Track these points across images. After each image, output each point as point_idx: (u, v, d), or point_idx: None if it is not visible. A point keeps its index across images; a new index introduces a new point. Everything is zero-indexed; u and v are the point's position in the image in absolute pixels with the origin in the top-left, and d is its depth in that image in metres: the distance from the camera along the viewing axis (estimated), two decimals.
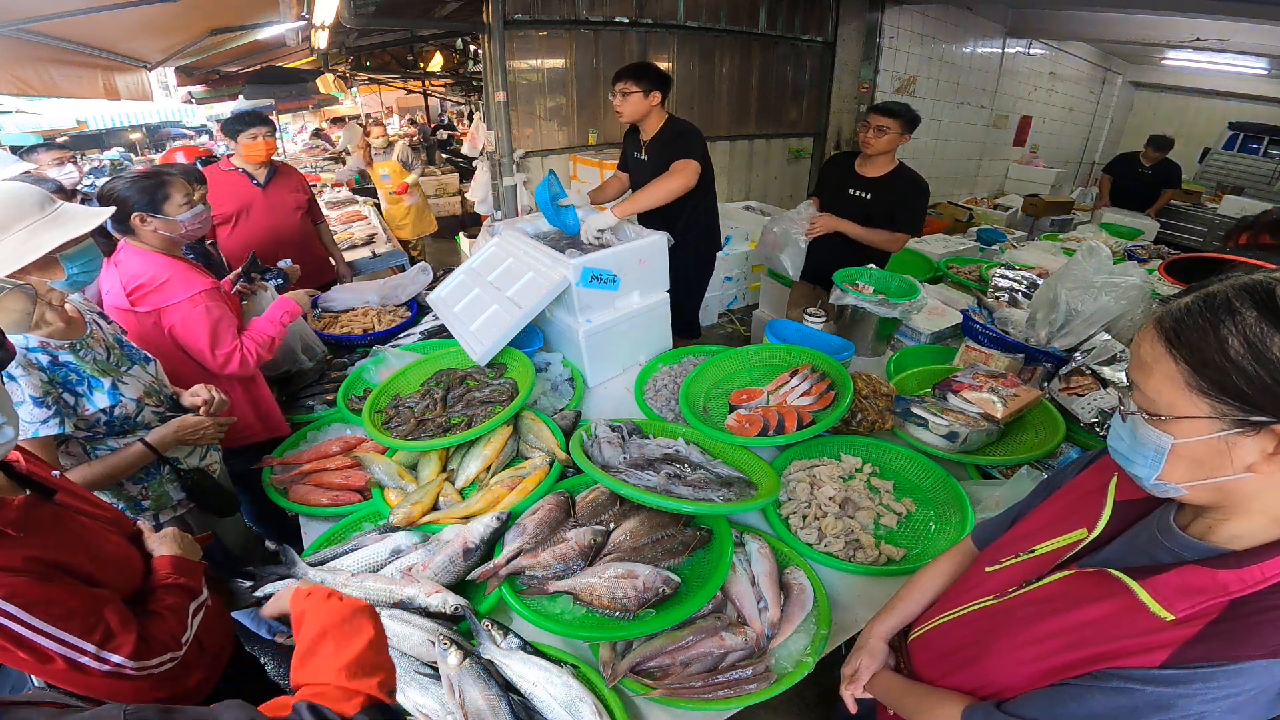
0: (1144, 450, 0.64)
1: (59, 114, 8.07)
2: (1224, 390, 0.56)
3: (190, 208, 1.68)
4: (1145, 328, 0.63)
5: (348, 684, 0.71)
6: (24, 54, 3.21)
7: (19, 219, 1.20)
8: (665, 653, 1.11)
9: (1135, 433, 0.64)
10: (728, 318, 4.77)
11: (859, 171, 2.61)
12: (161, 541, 1.15)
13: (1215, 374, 0.56)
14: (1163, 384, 0.60)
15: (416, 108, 11.50)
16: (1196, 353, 0.57)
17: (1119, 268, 1.93)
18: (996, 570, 0.86)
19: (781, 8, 4.90)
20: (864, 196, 2.58)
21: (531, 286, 1.87)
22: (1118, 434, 0.68)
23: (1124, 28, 5.83)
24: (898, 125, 2.44)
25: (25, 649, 0.85)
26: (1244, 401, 0.55)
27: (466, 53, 6.19)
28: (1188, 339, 0.58)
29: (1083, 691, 0.66)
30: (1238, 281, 0.58)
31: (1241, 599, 0.59)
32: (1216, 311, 0.57)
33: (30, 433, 1.22)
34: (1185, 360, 0.58)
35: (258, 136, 2.72)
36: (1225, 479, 0.59)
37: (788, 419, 1.57)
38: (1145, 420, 0.62)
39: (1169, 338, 0.59)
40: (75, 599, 0.89)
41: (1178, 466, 0.61)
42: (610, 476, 1.32)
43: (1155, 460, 0.62)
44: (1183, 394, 0.58)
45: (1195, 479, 0.61)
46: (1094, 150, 9.73)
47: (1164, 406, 0.60)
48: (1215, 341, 0.56)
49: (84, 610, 0.89)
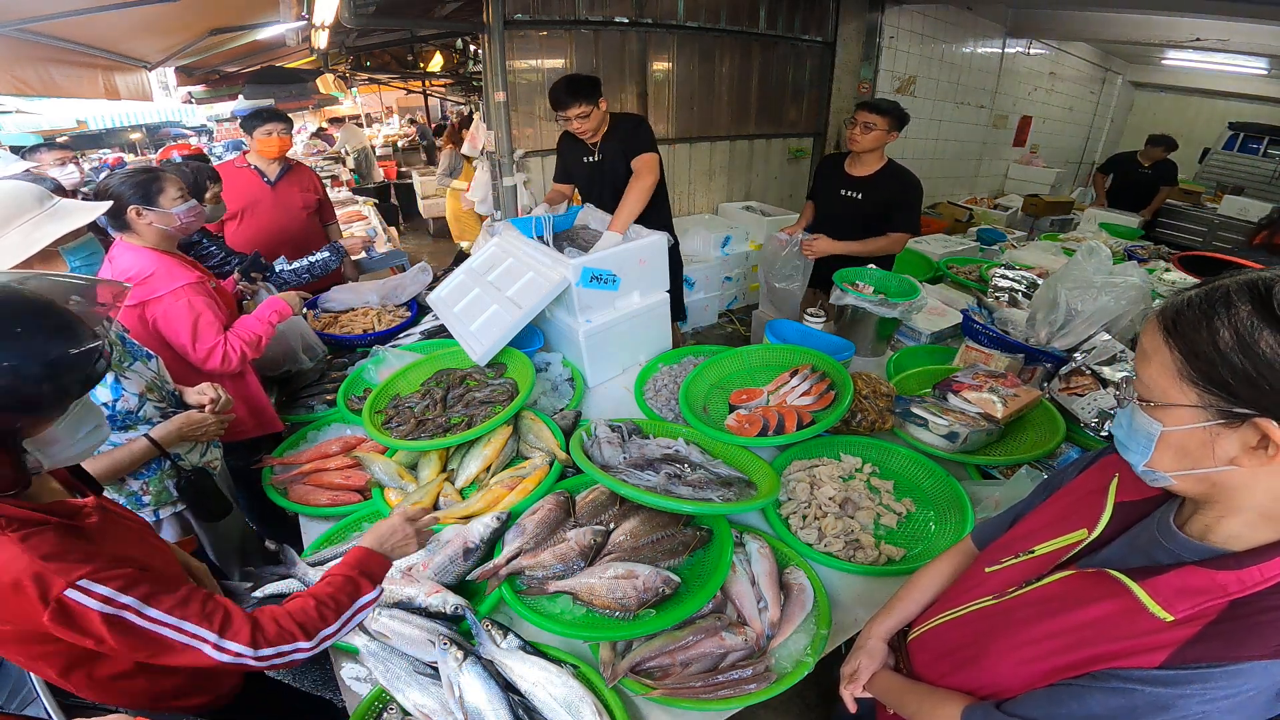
0: (1137, 436, 0.65)
1: (59, 114, 8.08)
2: (1211, 381, 0.57)
3: (184, 201, 1.69)
4: (1150, 317, 0.65)
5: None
6: (24, 54, 3.21)
7: (19, 214, 1.22)
8: (665, 653, 1.11)
9: (1132, 419, 0.66)
10: (728, 318, 4.78)
11: (849, 171, 2.60)
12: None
13: (1204, 364, 0.57)
14: (1158, 372, 0.62)
15: (416, 108, 11.50)
16: (1189, 343, 0.59)
17: (1119, 268, 1.93)
18: (996, 570, 0.86)
19: (781, 8, 4.90)
20: (855, 196, 2.57)
21: (531, 286, 1.87)
22: (1119, 420, 0.70)
23: (1124, 28, 5.82)
24: (885, 122, 2.43)
25: (147, 642, 0.81)
26: (1228, 393, 0.56)
27: (466, 53, 6.19)
28: (1183, 329, 0.59)
29: (1082, 692, 0.67)
30: (1243, 277, 0.58)
31: (1241, 600, 0.59)
32: (1215, 305, 0.58)
33: None
34: (1179, 350, 0.59)
35: (272, 133, 2.73)
36: (1210, 470, 0.60)
37: (787, 419, 1.57)
38: (1139, 407, 0.64)
39: (1167, 327, 0.61)
40: (182, 588, 0.86)
41: (1165, 454, 0.63)
42: (610, 476, 1.32)
43: (1146, 446, 0.64)
44: (1174, 382, 0.60)
45: (1181, 468, 0.62)
46: (1094, 150, 9.72)
47: (1156, 393, 0.62)
48: (1208, 333, 0.57)
49: (197, 598, 0.86)
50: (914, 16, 5.26)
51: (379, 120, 12.58)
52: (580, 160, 2.68)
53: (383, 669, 1.08)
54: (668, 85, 4.59)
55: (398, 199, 7.89)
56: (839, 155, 2.70)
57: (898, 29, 5.18)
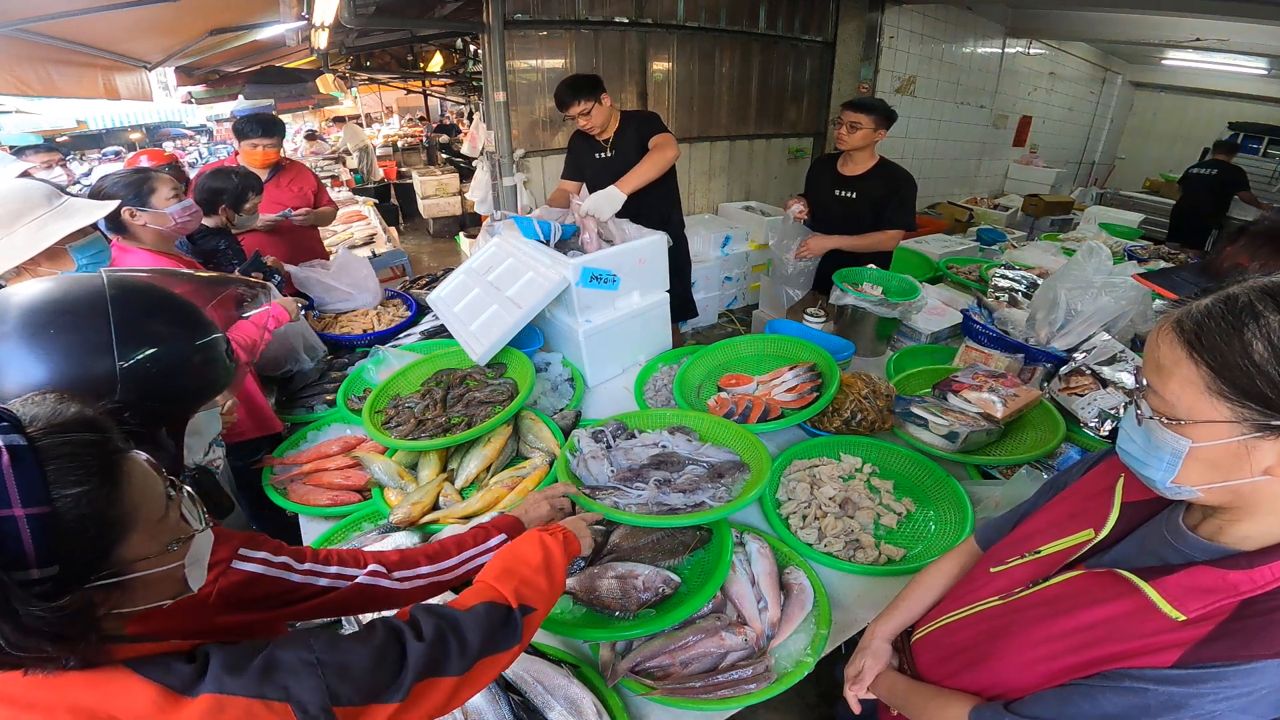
0: (1160, 454, 0.63)
1: (59, 114, 8.08)
2: (1247, 394, 0.55)
3: (178, 200, 1.69)
4: (1163, 329, 0.62)
5: (492, 583, 0.85)
6: (24, 54, 3.21)
7: (28, 211, 1.24)
8: (665, 653, 1.11)
9: (1151, 437, 0.63)
10: (727, 318, 4.78)
11: (841, 171, 2.61)
12: None
13: (1238, 378, 0.55)
14: (1182, 388, 0.59)
15: (416, 108, 11.50)
16: (1219, 356, 0.56)
17: (1119, 268, 1.93)
18: (1002, 570, 0.86)
19: (781, 8, 4.90)
20: (850, 195, 2.59)
21: (531, 286, 1.87)
22: (1129, 437, 0.67)
23: (1124, 28, 5.82)
24: (871, 120, 2.44)
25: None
26: (1266, 405, 0.55)
27: (466, 53, 6.20)
28: (1210, 342, 0.57)
29: (1094, 691, 0.66)
30: (1258, 284, 0.57)
31: (1252, 599, 0.59)
32: (1240, 315, 0.56)
33: None
34: (1207, 364, 0.57)
35: (258, 146, 2.73)
36: (1242, 482, 0.58)
37: (755, 408, 1.60)
38: (1163, 424, 0.61)
39: (1190, 341, 0.58)
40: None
41: (1194, 470, 0.61)
42: (603, 505, 1.30)
43: (1171, 464, 0.62)
44: (1203, 398, 0.58)
45: (1212, 482, 0.60)
46: (1094, 150, 9.72)
47: (1183, 410, 0.60)
48: (1239, 345, 0.55)
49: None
50: (914, 16, 5.26)
51: (379, 120, 12.59)
52: (592, 157, 2.72)
53: None
54: (668, 85, 4.59)
55: (398, 199, 7.89)
56: (831, 156, 2.72)
57: (898, 29, 5.18)
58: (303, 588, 0.89)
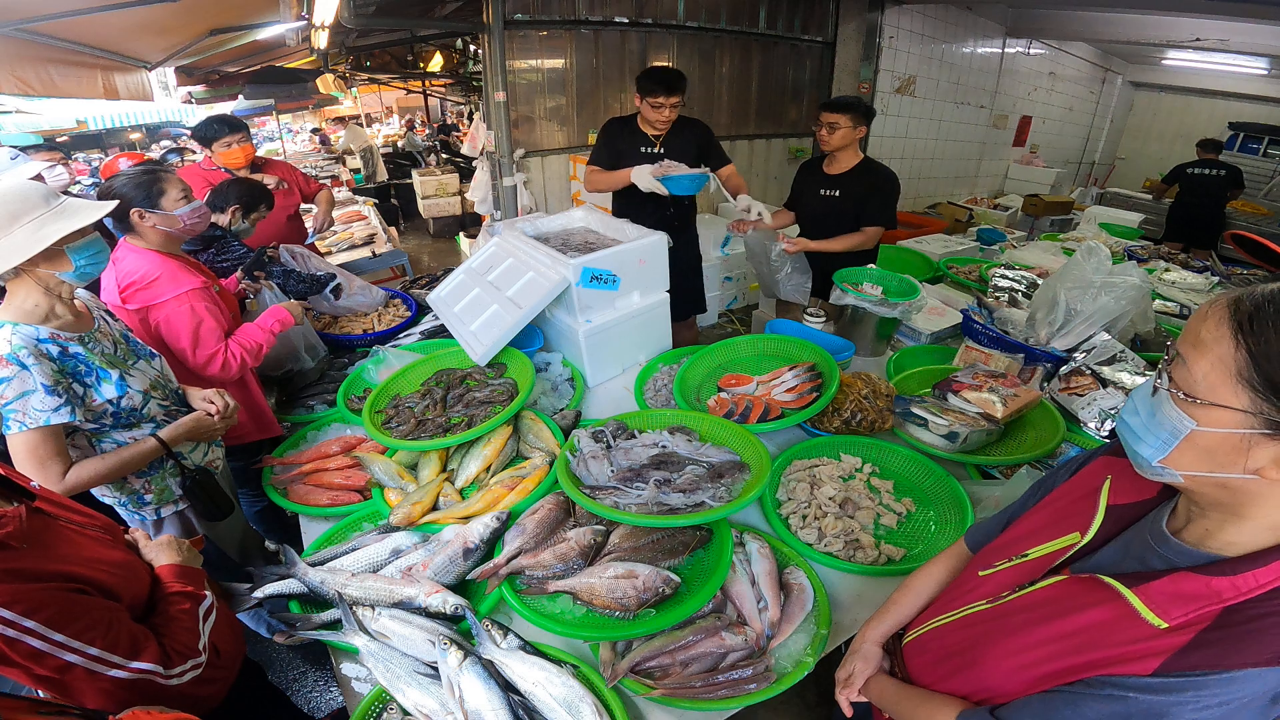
0: (1160, 430, 0.61)
1: (59, 114, 8.07)
2: (1273, 388, 0.54)
3: (188, 202, 1.69)
4: (1215, 304, 0.59)
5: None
6: (24, 54, 3.21)
7: (26, 212, 1.23)
8: (665, 653, 1.11)
9: (1158, 410, 0.62)
10: (727, 318, 4.78)
11: (826, 171, 2.66)
12: (160, 550, 1.15)
13: (1274, 370, 0.53)
14: (1213, 367, 0.57)
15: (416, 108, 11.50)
16: (1264, 344, 0.54)
17: (1118, 268, 1.93)
18: (990, 574, 0.86)
19: (781, 8, 4.90)
20: (833, 194, 2.62)
21: (531, 286, 1.87)
22: (1134, 408, 0.66)
23: (1124, 28, 5.82)
24: (848, 119, 2.46)
25: (40, 664, 0.83)
26: None
27: (466, 53, 6.20)
28: (1260, 328, 0.55)
29: (1077, 698, 0.66)
30: None
31: (1235, 606, 0.59)
32: None
33: (43, 420, 1.23)
34: (1248, 348, 0.55)
35: (231, 144, 2.66)
36: (1231, 476, 0.58)
37: (755, 409, 1.60)
38: (1178, 399, 0.60)
39: (1240, 322, 0.56)
40: (94, 610, 0.88)
41: (1186, 454, 0.60)
42: (603, 505, 1.30)
43: (1167, 442, 0.61)
44: (1228, 382, 0.56)
45: (1200, 470, 0.59)
46: (1094, 150, 9.73)
47: (1203, 390, 0.57)
48: None
49: (104, 623, 0.88)
50: (914, 16, 5.26)
51: (379, 120, 12.59)
52: (637, 149, 2.70)
53: (383, 669, 1.08)
54: None
55: (397, 199, 7.89)
56: (817, 158, 2.76)
57: (897, 29, 5.18)
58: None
